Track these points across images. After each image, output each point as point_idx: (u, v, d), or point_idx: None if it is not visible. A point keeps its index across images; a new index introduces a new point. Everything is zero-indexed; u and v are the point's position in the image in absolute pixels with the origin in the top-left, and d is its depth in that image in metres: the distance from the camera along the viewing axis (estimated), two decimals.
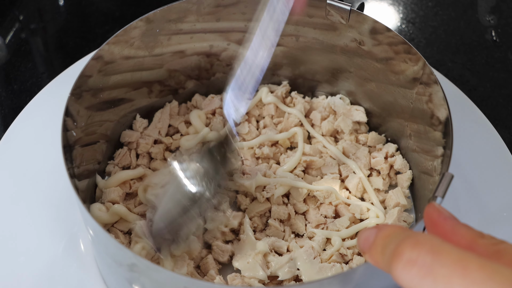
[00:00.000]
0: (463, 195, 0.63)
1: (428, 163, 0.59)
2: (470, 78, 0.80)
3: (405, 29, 0.87)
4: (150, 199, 0.57)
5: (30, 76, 0.79)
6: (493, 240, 0.33)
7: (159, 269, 0.42)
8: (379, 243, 0.35)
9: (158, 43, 0.65)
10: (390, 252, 0.32)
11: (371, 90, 0.67)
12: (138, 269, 0.44)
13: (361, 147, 0.67)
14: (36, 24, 0.87)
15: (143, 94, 0.68)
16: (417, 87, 0.60)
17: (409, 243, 0.31)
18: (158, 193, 0.55)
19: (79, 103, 0.57)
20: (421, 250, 0.31)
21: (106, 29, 0.86)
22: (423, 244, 0.31)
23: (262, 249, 0.57)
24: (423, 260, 0.30)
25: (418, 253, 0.31)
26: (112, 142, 0.66)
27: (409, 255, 0.31)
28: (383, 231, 0.35)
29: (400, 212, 0.61)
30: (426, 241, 0.31)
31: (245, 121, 0.69)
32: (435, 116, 0.57)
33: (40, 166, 0.65)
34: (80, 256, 0.58)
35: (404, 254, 0.31)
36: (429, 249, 0.31)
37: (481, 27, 0.87)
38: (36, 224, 0.60)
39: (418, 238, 0.31)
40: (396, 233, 0.34)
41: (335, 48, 0.66)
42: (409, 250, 0.31)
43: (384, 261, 0.34)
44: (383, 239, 0.34)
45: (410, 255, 0.31)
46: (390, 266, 0.32)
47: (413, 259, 0.31)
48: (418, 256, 0.31)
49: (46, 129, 0.67)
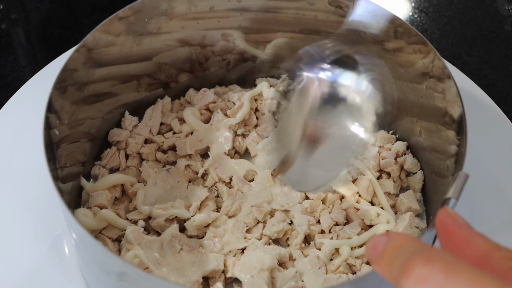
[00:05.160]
0: (481, 197, 0.64)
1: (440, 162, 0.59)
2: (488, 72, 0.81)
3: (417, 19, 0.87)
4: None
5: (11, 70, 0.80)
6: (510, 254, 0.33)
7: (150, 278, 0.43)
8: (387, 253, 0.35)
9: (147, 34, 0.65)
10: (399, 266, 0.32)
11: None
12: (128, 278, 0.44)
13: (370, 147, 0.67)
14: (18, 14, 0.87)
15: (131, 88, 0.68)
16: (428, 81, 0.60)
17: (421, 258, 0.31)
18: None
19: (64, 98, 0.57)
20: (433, 268, 0.31)
21: (93, 19, 0.86)
22: (435, 261, 0.31)
23: (270, 265, 0.57)
24: (435, 278, 0.30)
25: (430, 270, 0.31)
26: (97, 141, 0.66)
27: (420, 272, 0.31)
28: (393, 241, 0.35)
29: (412, 218, 0.61)
30: (439, 258, 0.31)
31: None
32: (448, 114, 0.57)
33: (21, 167, 0.65)
34: (63, 263, 0.58)
35: (414, 270, 0.31)
36: (442, 267, 0.30)
37: (500, 17, 0.87)
38: (17, 229, 0.60)
39: (431, 254, 0.31)
40: (406, 245, 0.34)
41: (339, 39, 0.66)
42: (420, 266, 0.31)
43: (391, 274, 0.34)
44: (392, 250, 0.34)
45: (421, 272, 0.31)
46: (398, 280, 0.32)
47: (424, 276, 0.31)
48: (429, 274, 0.31)
49: (28, 127, 0.67)
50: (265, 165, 0.65)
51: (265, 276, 0.56)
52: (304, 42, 0.69)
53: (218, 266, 0.58)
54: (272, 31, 0.69)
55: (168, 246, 0.58)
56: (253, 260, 0.57)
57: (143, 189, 0.63)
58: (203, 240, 0.60)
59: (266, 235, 0.61)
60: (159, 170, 0.65)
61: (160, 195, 0.63)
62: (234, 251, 0.60)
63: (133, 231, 0.58)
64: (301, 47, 0.69)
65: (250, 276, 0.56)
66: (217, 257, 0.58)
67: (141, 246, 0.57)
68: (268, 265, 0.57)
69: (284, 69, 0.73)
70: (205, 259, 0.58)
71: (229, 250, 0.60)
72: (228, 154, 0.67)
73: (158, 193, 0.63)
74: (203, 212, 0.61)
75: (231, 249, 0.60)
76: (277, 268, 0.58)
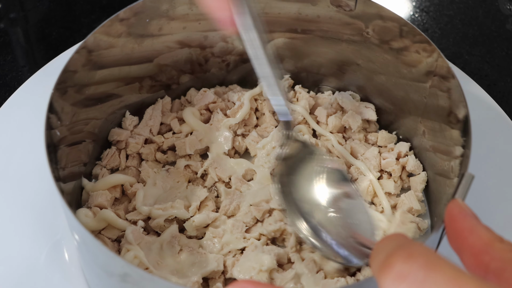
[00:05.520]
0: (481, 198, 0.64)
1: (445, 163, 0.59)
2: (489, 72, 0.81)
3: (418, 19, 0.87)
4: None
5: (10, 69, 0.79)
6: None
7: (154, 279, 0.43)
8: (374, 249, 0.35)
9: (148, 34, 0.65)
10: (380, 261, 0.32)
11: (381, 84, 0.68)
12: (131, 279, 0.44)
13: (371, 147, 0.68)
14: (16, 13, 0.87)
15: (133, 89, 0.68)
16: (432, 81, 0.60)
17: (402, 255, 0.31)
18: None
19: (64, 99, 0.57)
20: (414, 264, 0.31)
21: (92, 18, 0.86)
22: (416, 257, 0.31)
23: (269, 266, 0.57)
24: (415, 275, 0.30)
25: (410, 267, 0.31)
26: (99, 141, 0.66)
27: (400, 268, 0.31)
28: (381, 239, 0.35)
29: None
30: (420, 255, 0.31)
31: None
32: (452, 113, 0.57)
33: (20, 167, 0.65)
34: (64, 265, 0.58)
35: (395, 266, 0.31)
36: (423, 263, 0.30)
37: (502, 16, 0.87)
38: (16, 230, 0.60)
39: (412, 251, 0.31)
40: (388, 241, 0.34)
41: (341, 38, 0.67)
42: (400, 262, 0.31)
43: (373, 268, 0.34)
44: (375, 246, 0.34)
45: (401, 268, 0.31)
46: (378, 276, 0.32)
47: (404, 273, 0.30)
48: (410, 271, 0.30)
49: (27, 127, 0.67)
50: (265, 165, 0.65)
51: (264, 277, 0.56)
52: (305, 42, 0.69)
53: (218, 267, 0.58)
54: (273, 31, 0.69)
55: (168, 246, 0.58)
56: (252, 261, 0.57)
57: (142, 189, 0.63)
58: (203, 241, 0.60)
59: (263, 234, 0.61)
60: (158, 170, 0.65)
61: (160, 196, 0.63)
62: (234, 251, 0.60)
63: (133, 231, 0.58)
64: (302, 47, 0.70)
65: (249, 277, 0.56)
66: (217, 258, 0.58)
67: (141, 246, 0.57)
68: (267, 266, 0.57)
69: (285, 70, 0.73)
70: (205, 259, 0.58)
71: (229, 251, 0.60)
72: (227, 154, 0.67)
73: (158, 193, 0.63)
74: (203, 213, 0.61)
75: (230, 249, 0.60)
76: (276, 269, 0.58)
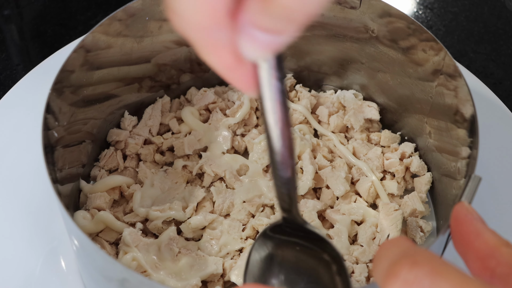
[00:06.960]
0: (487, 200, 0.64)
1: (451, 164, 0.59)
2: (494, 70, 0.81)
3: (422, 16, 0.87)
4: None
5: (4, 68, 0.79)
6: None
7: (153, 284, 0.42)
8: (376, 255, 0.35)
9: (148, 33, 0.65)
10: (384, 269, 0.32)
11: (385, 82, 0.68)
12: (131, 285, 0.44)
13: (373, 147, 0.67)
14: (11, 10, 0.86)
15: (133, 90, 0.68)
16: (438, 80, 0.60)
17: (407, 263, 0.31)
18: None
19: (61, 100, 0.56)
20: (419, 272, 0.31)
21: (88, 15, 0.86)
22: (421, 265, 0.31)
23: None
24: (421, 283, 0.30)
25: (416, 274, 0.31)
26: (98, 142, 0.66)
27: (406, 276, 0.31)
28: (383, 244, 0.35)
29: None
30: (425, 262, 0.31)
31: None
32: (459, 112, 0.57)
33: (15, 170, 0.65)
34: (61, 274, 0.58)
35: (400, 275, 0.31)
36: (429, 271, 0.30)
37: (507, 13, 0.87)
38: (12, 236, 0.60)
39: (417, 258, 0.31)
40: (391, 247, 0.34)
41: (345, 36, 0.67)
42: (406, 270, 0.31)
43: (377, 276, 0.34)
44: (378, 252, 0.34)
45: (407, 276, 0.31)
46: (383, 285, 0.32)
47: (410, 281, 0.31)
48: (415, 278, 0.30)
49: (22, 127, 0.67)
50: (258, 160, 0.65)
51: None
52: (308, 40, 0.69)
53: (217, 270, 0.57)
54: None
55: (166, 249, 0.58)
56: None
57: (139, 190, 0.63)
58: (201, 243, 0.60)
59: (255, 228, 0.61)
60: (156, 171, 0.65)
61: (158, 197, 0.63)
62: (232, 252, 0.60)
63: (131, 233, 0.58)
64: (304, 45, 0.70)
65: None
66: (216, 261, 0.58)
67: (139, 248, 0.57)
68: None
69: (287, 68, 0.73)
70: (204, 262, 0.58)
71: (227, 252, 0.60)
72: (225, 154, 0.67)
73: (156, 194, 0.63)
74: (199, 214, 0.61)
75: (228, 251, 0.59)
76: None
